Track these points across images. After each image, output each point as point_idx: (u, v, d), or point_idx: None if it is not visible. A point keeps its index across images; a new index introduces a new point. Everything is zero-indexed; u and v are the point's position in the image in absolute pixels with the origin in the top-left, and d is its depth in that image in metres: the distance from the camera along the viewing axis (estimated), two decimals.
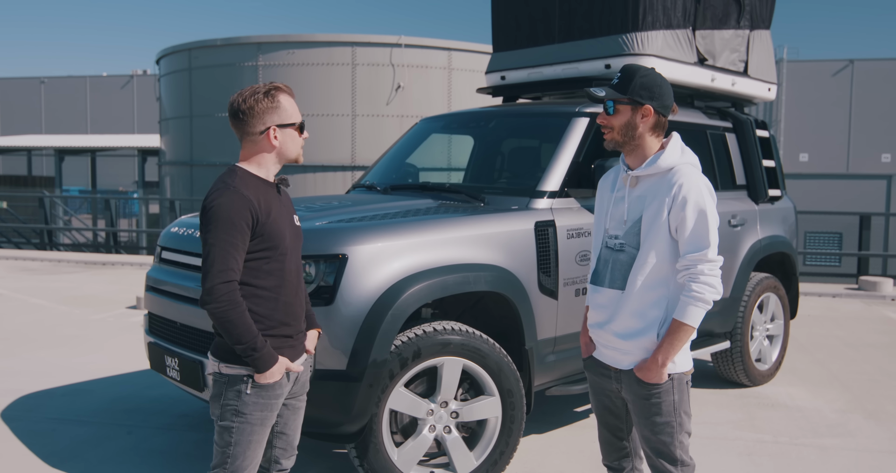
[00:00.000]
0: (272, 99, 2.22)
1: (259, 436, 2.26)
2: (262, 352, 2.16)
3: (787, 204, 5.49)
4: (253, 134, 2.24)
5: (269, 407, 2.26)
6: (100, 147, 24.29)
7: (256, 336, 2.15)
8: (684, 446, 2.38)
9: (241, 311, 2.12)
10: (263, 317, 2.22)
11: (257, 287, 2.21)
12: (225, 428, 2.24)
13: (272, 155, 2.26)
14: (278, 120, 2.22)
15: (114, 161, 29.24)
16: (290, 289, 2.29)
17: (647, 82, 2.32)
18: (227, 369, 2.23)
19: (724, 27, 4.85)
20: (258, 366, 2.17)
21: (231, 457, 2.24)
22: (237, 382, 2.22)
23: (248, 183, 2.20)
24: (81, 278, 10.04)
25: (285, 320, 2.28)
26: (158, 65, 14.59)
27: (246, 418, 2.22)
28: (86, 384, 5.04)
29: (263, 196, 2.21)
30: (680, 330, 2.26)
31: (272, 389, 2.24)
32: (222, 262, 2.10)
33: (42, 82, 38.90)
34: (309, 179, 10.62)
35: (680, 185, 2.27)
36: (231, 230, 2.11)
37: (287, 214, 2.33)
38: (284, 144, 2.26)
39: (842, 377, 5.56)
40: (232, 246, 2.11)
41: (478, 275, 3.35)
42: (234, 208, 2.11)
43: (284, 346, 2.28)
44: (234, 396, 2.22)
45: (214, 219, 2.12)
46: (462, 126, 4.84)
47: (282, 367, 2.23)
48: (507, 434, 3.41)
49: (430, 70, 10.80)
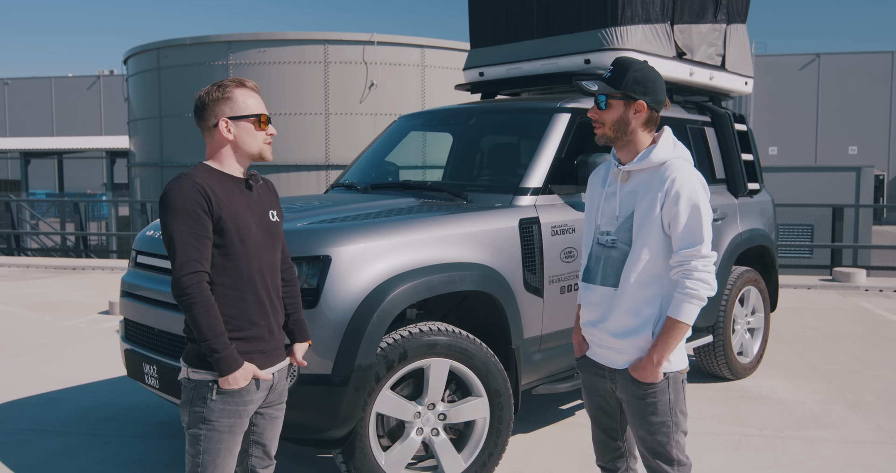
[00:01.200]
0: (223, 90, 2.17)
1: (228, 444, 2.18)
2: (224, 354, 2.08)
3: (765, 197, 5.52)
4: (208, 128, 2.20)
5: (236, 414, 2.17)
6: (66, 149, 23.93)
7: (219, 336, 2.07)
8: (680, 445, 2.34)
9: (206, 308, 2.06)
10: (231, 317, 2.14)
11: (221, 285, 2.13)
12: (194, 436, 2.17)
13: (230, 150, 2.20)
14: (230, 112, 2.17)
15: (81, 163, 28.76)
16: (259, 287, 2.19)
17: (641, 77, 2.27)
18: (194, 374, 2.16)
19: (702, 21, 4.85)
20: (220, 368, 2.10)
21: (201, 466, 2.16)
22: (203, 387, 2.15)
23: (206, 173, 2.15)
24: (51, 283, 9.83)
25: (254, 319, 2.18)
26: (126, 65, 14.34)
27: (213, 425, 2.15)
28: (59, 393, 4.90)
29: (222, 186, 2.15)
30: (675, 328, 2.22)
31: (238, 395, 2.16)
32: (183, 254, 2.05)
33: (5, 84, 38.17)
34: (283, 178, 10.48)
35: (673, 179, 2.23)
36: (186, 219, 2.06)
37: (258, 209, 2.23)
38: (240, 137, 2.19)
39: (822, 368, 5.61)
40: (191, 235, 2.06)
41: (463, 274, 3.29)
42: (185, 196, 2.06)
43: (255, 351, 2.19)
44: (201, 402, 2.15)
45: (169, 210, 2.07)
46: (441, 123, 4.78)
47: (247, 373, 2.14)
48: (495, 435, 3.37)
49: (404, 68, 10.71)
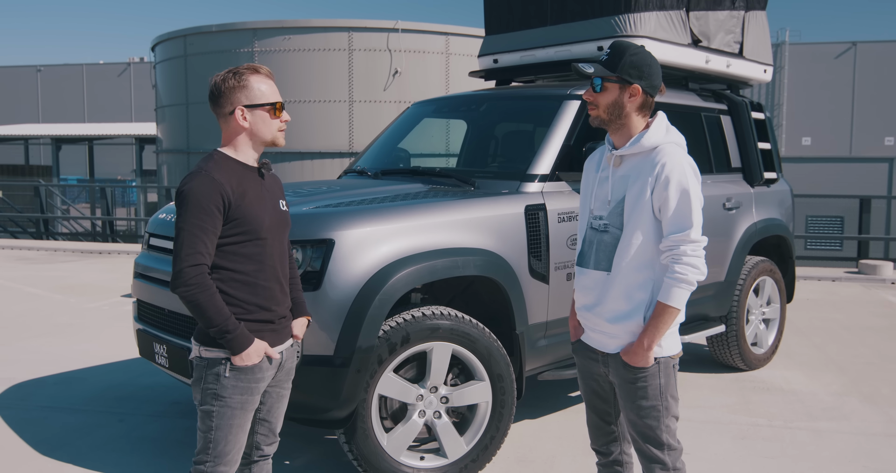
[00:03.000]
0: (239, 78, 2.22)
1: (240, 420, 2.25)
2: (236, 334, 2.15)
3: (783, 187, 5.44)
4: (224, 115, 2.25)
5: (248, 391, 2.24)
6: (97, 135, 24.06)
7: (228, 318, 2.14)
8: (671, 430, 2.34)
9: (210, 294, 2.13)
10: (241, 301, 2.22)
11: (234, 271, 2.21)
12: (206, 413, 2.23)
13: (245, 137, 2.26)
14: (245, 100, 2.22)
15: (111, 150, 29.07)
16: (269, 274, 2.27)
17: (637, 61, 2.27)
18: (207, 352, 2.23)
19: (719, 8, 4.79)
20: (233, 348, 2.17)
21: (213, 442, 2.23)
22: (216, 365, 2.22)
23: (223, 167, 2.20)
24: (77, 266, 10.03)
25: (265, 304, 2.26)
26: (154, 52, 14.40)
27: (226, 401, 2.21)
28: (79, 373, 5.03)
29: (239, 180, 2.21)
30: (664, 313, 2.23)
31: (251, 372, 2.23)
32: (190, 246, 2.11)
33: (38, 71, 38.54)
34: (307, 166, 10.52)
35: (663, 164, 2.23)
36: (200, 214, 2.12)
37: (270, 198, 2.31)
38: (255, 125, 2.24)
39: (839, 360, 5.54)
40: (201, 230, 2.12)
41: (467, 259, 3.32)
42: (203, 192, 2.12)
43: (265, 330, 2.27)
44: (214, 379, 2.22)
45: (185, 203, 2.13)
46: (453, 110, 4.79)
47: (259, 349, 2.22)
48: (497, 419, 3.40)
49: (428, 55, 10.65)
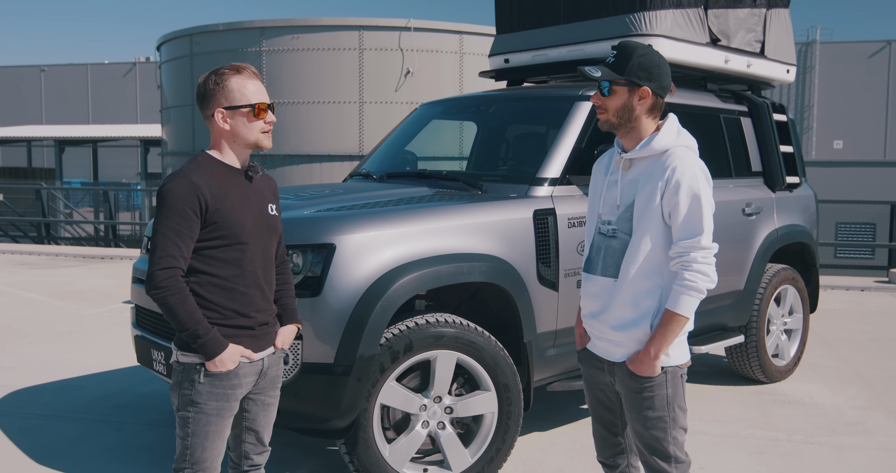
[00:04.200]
0: (218, 78, 2.17)
1: (217, 427, 2.19)
2: (207, 338, 2.10)
3: (806, 192, 5.27)
4: (207, 117, 2.21)
5: (224, 397, 2.18)
6: (101, 137, 23.82)
7: (199, 323, 2.09)
8: (678, 442, 2.26)
9: (182, 297, 2.08)
10: (218, 306, 2.16)
11: (212, 275, 2.16)
12: (182, 419, 2.19)
13: (228, 139, 2.21)
14: (225, 102, 2.17)
15: (116, 152, 28.83)
16: (250, 279, 2.21)
17: (646, 62, 2.20)
18: (183, 357, 2.19)
19: (740, 6, 4.64)
20: (205, 353, 2.12)
21: (190, 449, 2.18)
22: (191, 370, 2.17)
23: (205, 169, 2.16)
24: (79, 272, 9.97)
25: (242, 310, 2.20)
26: (159, 51, 14.22)
27: (200, 408, 2.16)
28: (76, 380, 4.97)
29: (221, 183, 2.16)
30: (672, 321, 2.15)
31: (226, 378, 2.17)
32: (163, 249, 2.08)
33: (42, 71, 38.11)
34: (315, 168, 10.39)
35: (673, 168, 2.15)
36: (175, 217, 2.09)
37: (257, 202, 2.25)
38: (235, 127, 2.19)
39: (864, 373, 5.34)
40: (175, 233, 2.09)
41: (472, 265, 3.21)
42: (180, 194, 2.09)
43: (242, 336, 2.21)
44: (189, 385, 2.17)
45: (162, 205, 2.11)
46: (462, 111, 4.69)
47: (234, 355, 2.15)
48: (503, 431, 3.29)
49: (441, 55, 10.43)
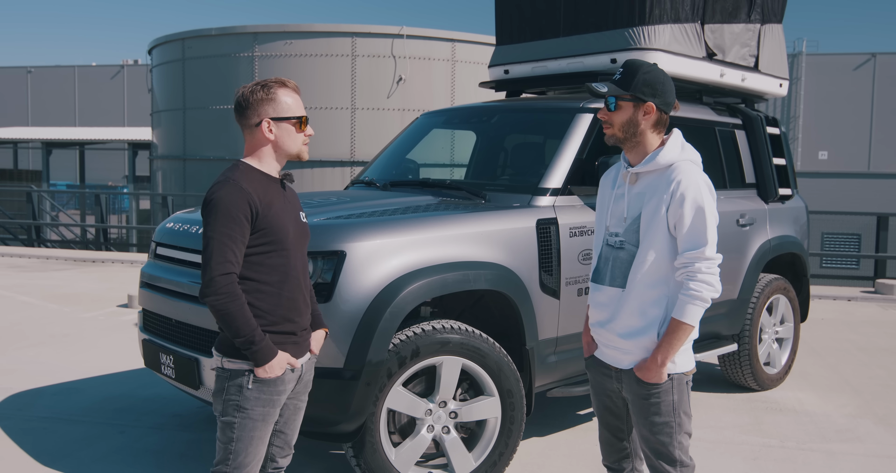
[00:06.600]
0: (267, 91, 2.24)
1: (261, 432, 2.25)
2: (261, 345, 2.15)
3: (798, 203, 5.38)
4: (250, 126, 2.26)
5: (270, 403, 2.24)
6: (89, 140, 23.66)
7: (255, 329, 2.14)
8: (683, 446, 2.35)
9: (240, 304, 2.13)
10: (266, 312, 2.22)
11: (259, 282, 2.20)
12: (227, 424, 2.23)
13: (270, 149, 2.28)
14: (273, 113, 2.24)
15: (103, 155, 28.60)
16: (293, 285, 2.27)
17: (650, 79, 2.31)
18: (230, 363, 2.23)
19: (734, 21, 4.75)
20: (257, 359, 2.17)
21: (233, 453, 2.23)
22: (238, 376, 2.21)
23: (249, 177, 2.21)
24: (71, 275, 9.94)
25: (288, 315, 2.26)
26: (150, 55, 14.15)
27: (247, 413, 2.21)
28: (77, 383, 4.99)
29: (265, 190, 2.22)
30: (678, 329, 2.24)
31: (274, 384, 2.23)
32: (220, 254, 2.11)
33: (29, 72, 37.62)
34: (307, 174, 10.40)
35: (678, 181, 2.26)
36: (229, 223, 2.12)
37: (292, 210, 2.32)
38: (281, 138, 2.26)
39: (853, 381, 5.45)
40: (230, 239, 2.12)
41: (478, 273, 3.29)
42: (232, 200, 2.13)
43: (287, 342, 2.27)
44: (236, 391, 2.21)
45: (213, 212, 2.14)
46: (464, 121, 4.77)
47: (282, 361, 2.22)
48: (506, 435, 3.35)
49: (433, 62, 10.49)
